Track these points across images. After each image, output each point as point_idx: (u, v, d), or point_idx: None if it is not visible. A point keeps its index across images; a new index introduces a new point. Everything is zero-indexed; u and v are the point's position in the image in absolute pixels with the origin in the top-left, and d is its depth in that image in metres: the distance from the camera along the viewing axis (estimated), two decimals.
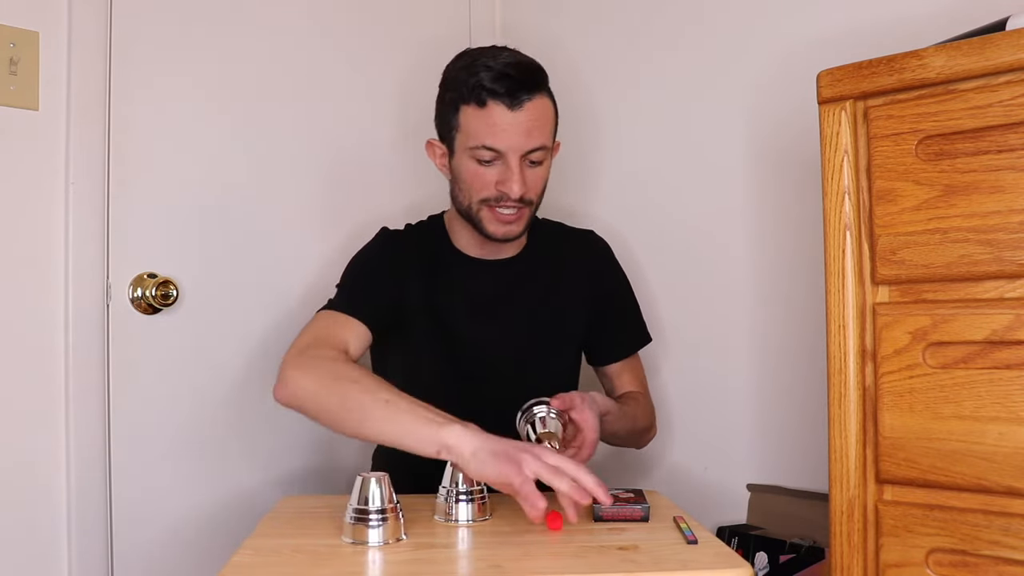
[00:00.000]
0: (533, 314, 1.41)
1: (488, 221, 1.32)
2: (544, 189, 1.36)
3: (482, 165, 1.29)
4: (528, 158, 1.28)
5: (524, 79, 1.25)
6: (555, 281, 1.43)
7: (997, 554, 0.86)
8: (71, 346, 1.38)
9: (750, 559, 1.45)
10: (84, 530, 1.38)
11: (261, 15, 1.62)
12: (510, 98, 1.24)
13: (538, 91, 1.27)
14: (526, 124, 1.25)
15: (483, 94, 1.25)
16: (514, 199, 1.28)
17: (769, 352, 1.56)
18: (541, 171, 1.32)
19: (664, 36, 1.71)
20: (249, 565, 0.95)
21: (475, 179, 1.30)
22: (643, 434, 1.45)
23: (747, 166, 1.58)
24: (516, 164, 1.27)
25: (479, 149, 1.27)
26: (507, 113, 1.25)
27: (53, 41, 1.37)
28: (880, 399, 0.94)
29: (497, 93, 1.24)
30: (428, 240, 1.43)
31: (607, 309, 1.46)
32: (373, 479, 1.02)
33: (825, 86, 0.98)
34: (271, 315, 1.61)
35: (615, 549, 0.99)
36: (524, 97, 1.25)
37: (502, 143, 1.26)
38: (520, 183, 1.27)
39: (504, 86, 1.24)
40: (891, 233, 0.93)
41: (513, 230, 1.33)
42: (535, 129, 1.27)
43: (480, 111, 1.26)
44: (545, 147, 1.29)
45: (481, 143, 1.27)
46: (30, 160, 1.36)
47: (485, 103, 1.25)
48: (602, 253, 1.50)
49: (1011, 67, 0.85)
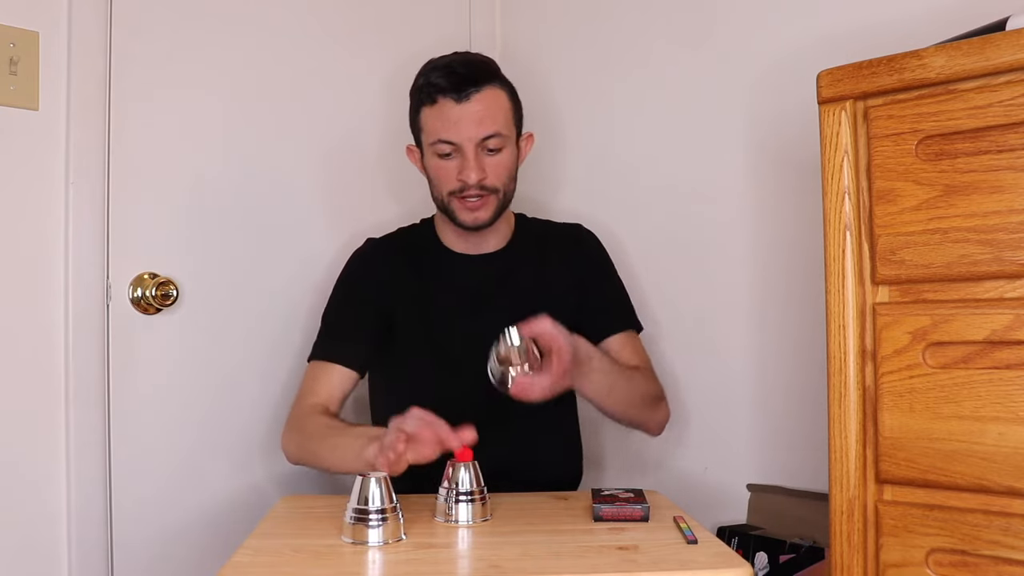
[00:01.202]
0: (521, 305, 1.40)
1: (458, 210, 1.39)
2: (511, 178, 1.40)
3: (443, 159, 1.36)
4: (484, 146, 1.34)
5: (469, 72, 1.33)
6: (541, 271, 1.46)
7: (997, 554, 0.86)
8: (71, 346, 1.38)
9: (750, 559, 1.45)
10: (84, 530, 1.38)
11: (261, 16, 1.62)
12: (456, 92, 1.32)
13: (486, 82, 1.34)
14: (476, 114, 1.32)
15: (433, 92, 1.33)
16: (472, 185, 1.34)
17: (769, 352, 1.56)
18: (502, 159, 1.37)
19: (664, 36, 1.71)
20: (249, 565, 0.95)
21: (440, 173, 1.38)
22: (651, 406, 1.43)
23: (747, 166, 1.58)
24: (471, 153, 1.33)
25: (437, 144, 1.35)
26: (455, 106, 1.32)
27: (53, 41, 1.37)
28: (880, 399, 0.94)
29: (444, 89, 1.32)
30: (415, 240, 1.50)
31: (593, 289, 1.48)
32: (373, 479, 1.02)
33: (825, 86, 0.98)
34: (271, 315, 1.61)
35: (615, 549, 0.99)
36: (471, 89, 1.32)
37: (455, 135, 1.33)
38: (476, 170, 1.33)
39: (450, 81, 1.32)
40: (891, 233, 0.93)
41: (481, 216, 1.38)
42: (486, 118, 1.33)
43: (433, 108, 1.34)
44: (499, 134, 1.35)
45: (438, 137, 1.35)
46: (30, 160, 1.36)
47: (436, 100, 1.33)
48: (587, 241, 1.53)
49: (1011, 67, 0.85)
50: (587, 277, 1.49)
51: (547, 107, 1.88)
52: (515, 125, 1.40)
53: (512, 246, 1.49)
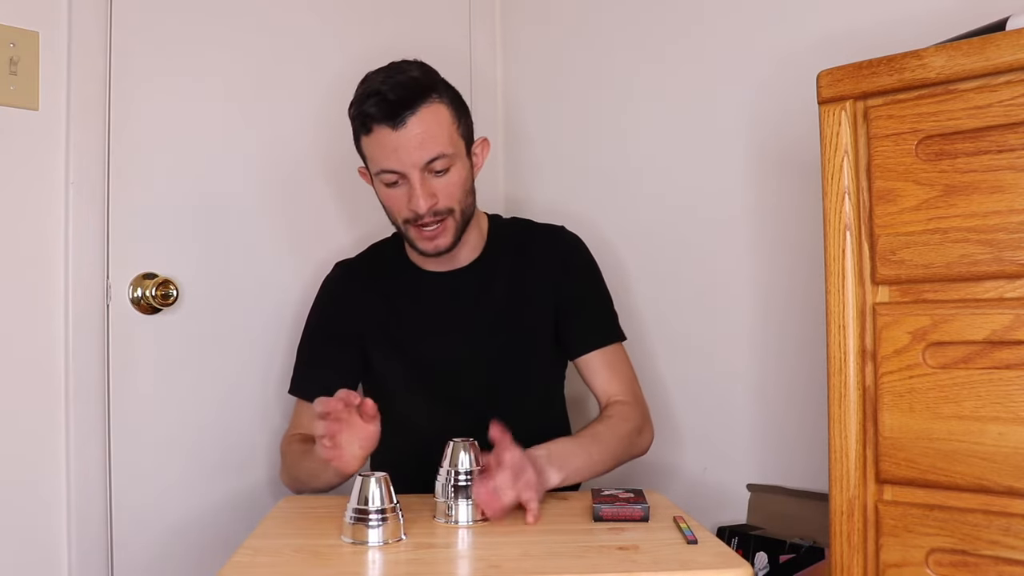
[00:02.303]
0: (499, 317, 1.40)
1: (416, 239, 1.34)
2: (466, 192, 1.33)
3: (391, 188, 1.30)
4: (430, 169, 1.27)
5: (400, 97, 1.24)
6: (519, 280, 1.41)
7: (997, 554, 0.86)
8: (71, 346, 1.38)
9: (750, 559, 1.45)
10: (84, 530, 1.38)
11: (262, 16, 1.62)
12: (391, 119, 1.24)
13: (421, 102, 1.25)
14: (416, 138, 1.25)
15: (368, 121, 1.26)
16: (423, 212, 1.28)
17: (769, 352, 1.56)
18: (451, 178, 1.30)
19: (665, 36, 1.71)
20: (249, 565, 0.95)
21: (390, 202, 1.32)
22: (633, 443, 1.37)
23: (747, 166, 1.58)
24: (417, 180, 1.27)
25: (381, 174, 1.29)
26: (392, 134, 1.25)
27: (53, 41, 1.37)
28: (880, 399, 0.94)
29: (377, 118, 1.25)
30: (383, 261, 1.46)
31: (574, 299, 1.42)
32: (373, 479, 1.02)
33: (825, 86, 0.98)
34: (271, 315, 1.61)
35: (615, 549, 0.99)
36: (405, 113, 1.24)
37: (396, 163, 1.26)
38: (425, 196, 1.27)
39: (382, 109, 1.24)
40: (891, 233, 0.93)
41: (441, 243, 1.33)
42: (427, 140, 1.25)
43: (370, 138, 1.28)
44: (443, 155, 1.27)
45: (380, 167, 1.29)
46: (30, 160, 1.36)
47: (371, 130, 1.26)
48: (570, 247, 1.46)
49: (1011, 67, 0.85)
50: (568, 285, 1.42)
51: (546, 107, 1.89)
52: (463, 137, 1.32)
53: (485, 256, 1.43)
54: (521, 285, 1.41)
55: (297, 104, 1.66)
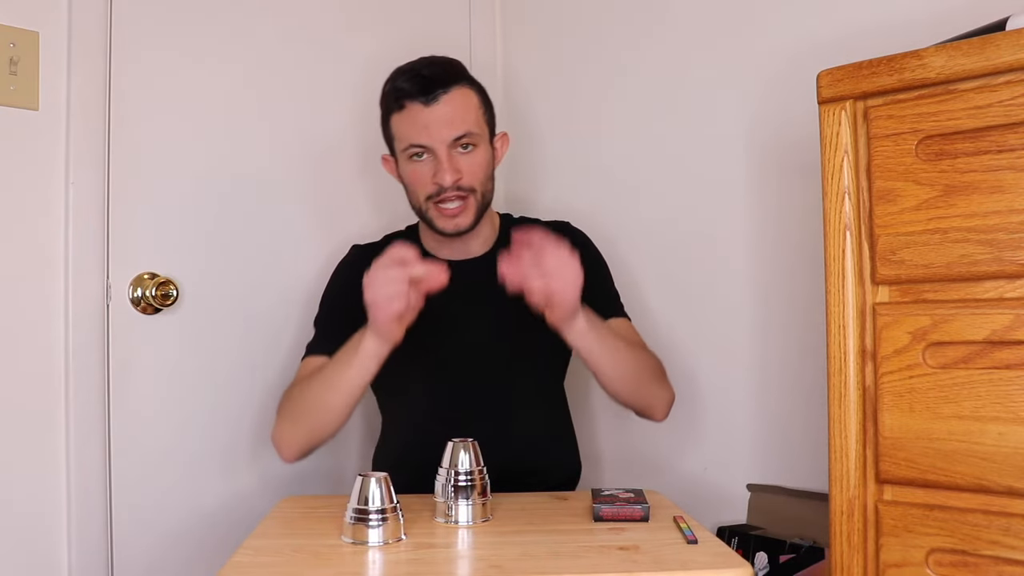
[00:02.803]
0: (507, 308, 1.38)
1: (436, 218, 1.36)
2: (488, 177, 1.38)
3: (417, 164, 1.34)
4: (457, 146, 1.32)
5: (435, 74, 1.31)
6: None
7: (997, 554, 0.86)
8: (71, 346, 1.38)
9: (750, 559, 1.45)
10: (84, 530, 1.38)
11: (261, 17, 1.62)
12: (424, 95, 1.30)
13: (453, 83, 1.31)
14: (446, 115, 1.30)
15: (400, 97, 1.31)
16: (448, 187, 1.31)
17: (769, 352, 1.56)
18: (476, 158, 1.34)
19: (665, 36, 1.71)
20: (249, 565, 0.95)
21: (414, 178, 1.35)
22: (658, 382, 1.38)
23: (747, 166, 1.58)
24: (444, 154, 1.31)
25: (409, 149, 1.33)
26: (424, 109, 1.30)
27: (53, 41, 1.37)
28: (880, 399, 0.94)
29: (411, 93, 1.30)
30: None
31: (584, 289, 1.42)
32: (373, 479, 1.02)
33: (825, 86, 0.98)
34: (271, 315, 1.61)
35: (615, 549, 0.99)
36: (438, 91, 1.30)
37: (426, 138, 1.31)
38: (451, 171, 1.31)
39: (416, 85, 1.30)
40: (891, 233, 0.93)
41: (461, 222, 1.35)
42: (456, 118, 1.31)
43: (401, 114, 1.32)
44: (471, 133, 1.32)
45: (409, 143, 1.32)
46: (30, 160, 1.36)
47: (404, 105, 1.31)
48: (575, 238, 1.46)
49: (1011, 67, 0.85)
50: None
51: (547, 104, 1.88)
52: (487, 124, 1.38)
53: (497, 248, 1.42)
54: None
55: (298, 104, 1.66)
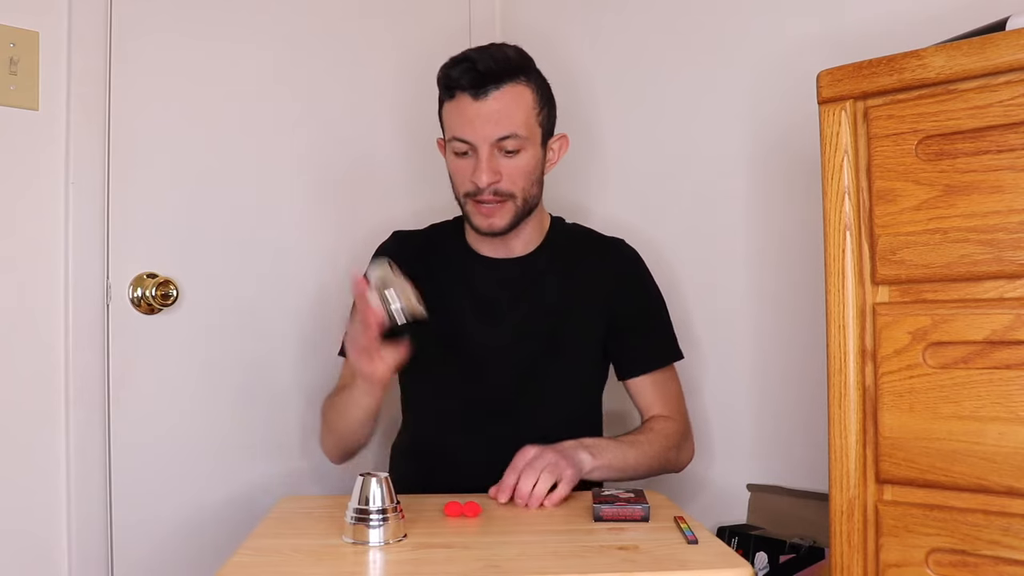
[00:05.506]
0: (541, 313, 1.38)
1: (473, 214, 1.33)
2: (532, 182, 1.33)
3: (460, 158, 1.30)
4: (500, 147, 1.28)
5: (489, 69, 1.25)
6: (569, 282, 1.39)
7: (997, 554, 0.86)
8: (71, 346, 1.38)
9: (750, 559, 1.45)
10: (84, 530, 1.38)
11: (262, 16, 1.62)
12: (474, 88, 1.25)
13: (509, 80, 1.26)
14: (494, 113, 1.26)
15: (452, 86, 1.28)
16: (484, 188, 1.28)
17: (769, 352, 1.56)
18: (519, 162, 1.29)
19: (665, 36, 1.71)
20: (249, 565, 0.95)
21: (456, 172, 1.32)
22: (673, 455, 1.37)
23: (747, 166, 1.58)
24: (485, 154, 1.27)
25: (453, 141, 1.30)
26: (472, 104, 1.26)
27: (53, 41, 1.37)
28: (880, 399, 0.94)
29: (462, 84, 1.26)
30: (440, 239, 1.44)
31: (630, 320, 1.40)
32: (374, 479, 1.02)
33: (825, 86, 0.98)
34: (271, 315, 1.61)
35: (615, 549, 0.99)
36: (490, 87, 1.25)
37: (469, 133, 1.27)
38: (488, 172, 1.27)
39: (469, 78, 1.25)
40: (891, 233, 0.93)
41: (496, 223, 1.31)
42: (504, 118, 1.26)
43: (451, 104, 1.29)
44: (516, 135, 1.27)
45: (453, 135, 1.29)
46: (30, 160, 1.36)
47: (454, 95, 1.28)
48: (629, 261, 1.44)
49: (1011, 67, 0.85)
50: (620, 299, 1.39)
51: None
52: (540, 126, 1.32)
53: (540, 252, 1.40)
54: (569, 289, 1.38)
55: (298, 104, 1.66)
